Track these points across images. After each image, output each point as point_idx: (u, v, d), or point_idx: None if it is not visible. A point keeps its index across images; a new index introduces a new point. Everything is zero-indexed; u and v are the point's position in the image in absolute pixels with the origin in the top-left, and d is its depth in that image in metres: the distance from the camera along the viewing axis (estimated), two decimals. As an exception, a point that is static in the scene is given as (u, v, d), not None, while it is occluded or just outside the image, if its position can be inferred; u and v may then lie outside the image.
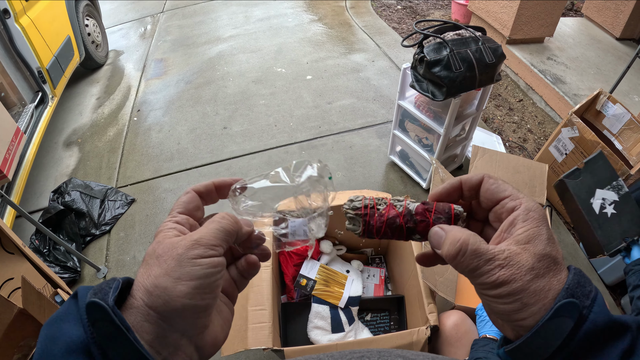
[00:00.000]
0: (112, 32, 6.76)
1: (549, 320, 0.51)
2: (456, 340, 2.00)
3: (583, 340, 0.51)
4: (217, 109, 4.69)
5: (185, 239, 0.56)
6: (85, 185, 3.70)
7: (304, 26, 6.28)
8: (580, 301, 0.51)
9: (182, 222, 0.62)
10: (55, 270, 3.09)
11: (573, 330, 0.51)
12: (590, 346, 0.51)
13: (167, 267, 0.53)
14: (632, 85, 4.55)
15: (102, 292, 0.50)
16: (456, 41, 2.73)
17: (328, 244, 2.60)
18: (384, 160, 3.94)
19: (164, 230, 0.59)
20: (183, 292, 0.53)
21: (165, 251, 0.55)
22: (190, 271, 0.54)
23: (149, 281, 0.52)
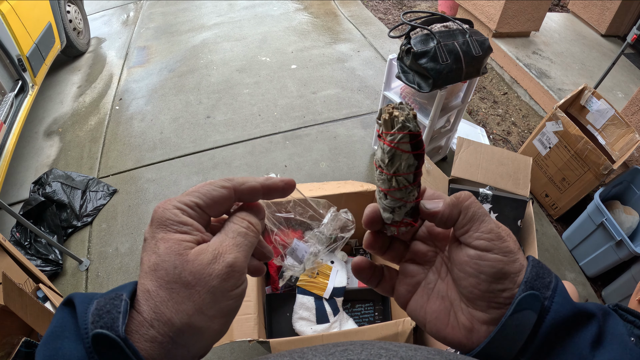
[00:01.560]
0: (94, 18, 6.66)
1: (512, 315, 0.50)
2: None
3: (548, 332, 0.50)
4: (201, 97, 4.65)
5: (219, 263, 0.49)
6: (67, 175, 3.66)
7: (289, 15, 6.24)
8: (540, 293, 0.50)
9: (196, 218, 0.53)
10: (36, 263, 3.05)
11: (537, 323, 0.50)
12: (556, 339, 0.50)
13: (200, 302, 0.48)
14: (616, 82, 4.59)
15: (109, 316, 0.44)
16: (443, 33, 2.72)
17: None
18: (369, 151, 3.94)
19: (177, 229, 0.51)
20: (216, 330, 0.50)
21: (195, 279, 0.48)
22: (226, 307, 0.51)
23: (179, 318, 0.47)
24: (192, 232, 0.51)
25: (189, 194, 0.54)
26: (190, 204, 0.53)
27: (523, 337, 0.50)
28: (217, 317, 0.49)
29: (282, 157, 3.92)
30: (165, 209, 0.52)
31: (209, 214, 0.56)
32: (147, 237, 0.51)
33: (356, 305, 2.52)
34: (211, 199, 0.54)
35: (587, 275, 3.24)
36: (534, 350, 0.50)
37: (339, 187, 2.43)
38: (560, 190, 3.38)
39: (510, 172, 2.71)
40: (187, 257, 0.49)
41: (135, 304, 0.47)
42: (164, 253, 0.49)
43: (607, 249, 2.97)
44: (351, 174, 3.76)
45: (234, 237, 0.54)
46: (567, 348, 0.49)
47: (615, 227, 2.84)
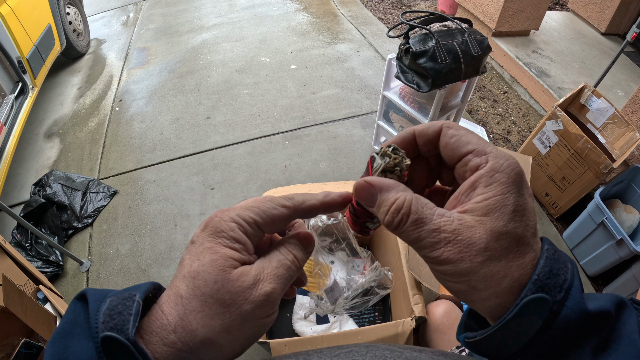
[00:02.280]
0: (94, 20, 6.67)
1: (512, 319, 0.44)
2: (447, 328, 2.01)
3: (552, 340, 0.45)
4: (201, 98, 4.65)
5: (257, 290, 0.49)
6: (67, 177, 3.66)
7: (288, 15, 6.24)
8: (551, 295, 0.43)
9: (252, 236, 0.53)
10: (37, 264, 3.06)
11: (542, 329, 0.44)
12: (559, 345, 0.45)
13: (230, 323, 0.48)
14: (616, 80, 4.58)
15: (120, 318, 0.44)
16: (442, 32, 2.72)
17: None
18: (369, 151, 3.92)
19: (229, 244, 0.50)
20: (235, 350, 0.51)
21: (231, 299, 0.48)
22: (252, 332, 0.51)
23: (204, 332, 0.47)
24: (241, 252, 0.51)
25: (248, 209, 0.53)
26: (249, 220, 0.52)
27: (521, 343, 0.45)
28: (240, 339, 0.50)
29: (282, 157, 3.91)
30: (222, 219, 0.51)
31: (265, 231, 0.55)
32: (196, 241, 0.51)
33: (356, 306, 2.52)
34: (270, 217, 0.54)
35: (587, 274, 3.23)
36: (531, 357, 0.46)
37: (339, 188, 2.42)
38: (561, 190, 3.37)
39: None
40: (229, 275, 0.48)
41: (163, 305, 0.48)
42: (209, 264, 0.48)
43: (608, 248, 2.96)
44: (351, 174, 3.75)
45: (277, 267, 0.53)
46: (570, 356, 0.44)
47: (616, 226, 2.83)
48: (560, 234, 3.39)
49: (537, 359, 0.45)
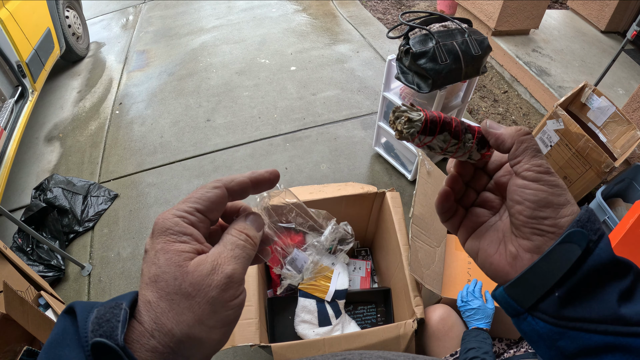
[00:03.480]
0: (93, 23, 6.67)
1: (559, 244, 0.54)
2: (443, 335, 2.01)
3: (587, 274, 0.53)
4: (200, 101, 4.65)
5: (218, 274, 0.50)
6: (68, 181, 3.66)
7: (288, 16, 6.23)
8: (589, 234, 0.53)
9: (197, 224, 0.54)
10: (39, 269, 3.06)
11: (578, 261, 0.53)
12: (591, 281, 0.53)
13: (200, 313, 0.48)
14: (616, 78, 4.57)
15: (109, 325, 0.45)
16: (442, 33, 2.72)
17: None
18: (369, 152, 3.93)
19: (177, 239, 0.51)
20: (216, 340, 0.51)
21: (195, 290, 0.48)
22: (225, 317, 0.51)
23: (179, 329, 0.47)
24: (191, 242, 0.52)
25: (186, 201, 0.54)
26: (190, 210, 0.53)
27: (563, 270, 0.53)
28: (216, 327, 0.50)
29: (283, 159, 3.92)
30: (165, 218, 0.52)
31: (209, 217, 0.56)
32: (148, 248, 0.52)
33: (358, 307, 2.52)
34: (207, 200, 0.55)
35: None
36: (569, 287, 0.53)
37: (340, 190, 2.43)
38: (562, 189, 3.36)
39: None
40: (187, 268, 0.49)
41: (136, 314, 0.48)
42: (164, 264, 0.49)
43: (610, 248, 2.95)
44: (352, 175, 3.75)
45: (232, 249, 0.54)
46: (598, 295, 0.53)
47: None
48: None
49: (570, 294, 0.53)
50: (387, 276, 2.50)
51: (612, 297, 0.52)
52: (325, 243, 2.29)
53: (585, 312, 0.53)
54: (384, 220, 2.50)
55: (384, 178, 3.71)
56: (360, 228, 2.78)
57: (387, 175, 3.73)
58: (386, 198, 2.41)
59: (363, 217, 2.67)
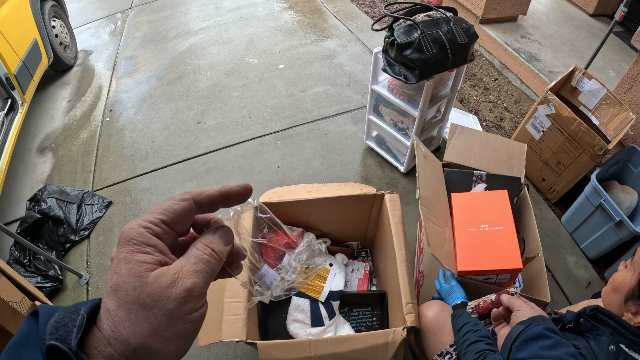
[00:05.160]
0: (80, 31, 6.63)
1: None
2: (438, 329, 2.03)
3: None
4: (190, 103, 4.63)
5: (177, 287, 0.51)
6: (61, 191, 3.65)
7: (274, 14, 6.20)
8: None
9: (162, 236, 0.54)
10: (37, 280, 3.06)
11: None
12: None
13: (157, 324, 0.49)
14: (607, 61, 4.57)
15: (65, 329, 0.45)
16: (427, 23, 2.71)
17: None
18: (361, 146, 3.94)
19: (140, 249, 0.51)
20: (172, 352, 0.51)
21: (153, 301, 0.49)
22: (182, 330, 0.51)
23: (135, 339, 0.48)
24: (154, 253, 0.52)
25: (152, 212, 0.55)
26: (155, 221, 0.54)
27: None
28: (173, 339, 0.50)
29: (274, 157, 3.91)
30: (130, 228, 0.52)
31: (175, 229, 0.57)
32: (113, 257, 0.52)
33: (354, 309, 2.51)
34: (174, 212, 0.55)
35: (588, 257, 3.24)
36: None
37: (338, 190, 2.43)
38: (557, 174, 3.36)
39: (504, 158, 2.73)
40: (146, 279, 0.49)
41: (97, 322, 0.49)
42: (125, 274, 0.49)
43: (607, 230, 2.97)
44: (344, 170, 3.75)
45: (195, 263, 0.55)
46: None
47: (614, 207, 2.83)
48: (559, 218, 3.39)
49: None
50: (384, 280, 2.50)
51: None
52: (295, 263, 2.30)
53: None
54: (382, 223, 2.49)
55: (376, 172, 3.71)
56: (361, 229, 2.78)
57: (379, 169, 3.73)
58: (385, 201, 2.40)
59: (363, 217, 2.66)
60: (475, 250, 2.22)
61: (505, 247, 2.21)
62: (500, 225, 2.28)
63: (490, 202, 2.40)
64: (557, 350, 1.17)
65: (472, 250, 2.22)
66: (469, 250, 2.22)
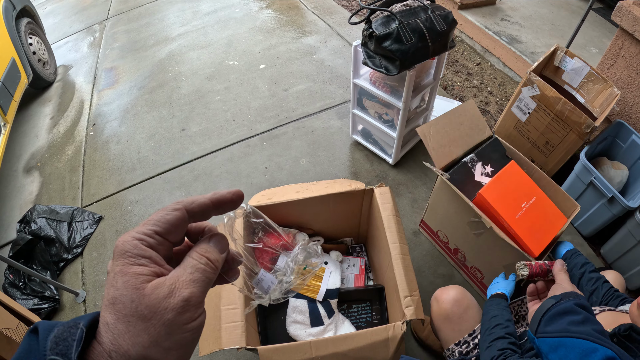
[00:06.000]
0: (58, 46, 6.57)
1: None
2: (458, 317, 2.04)
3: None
4: (173, 111, 4.61)
5: (175, 297, 0.51)
6: (50, 210, 3.62)
7: (252, 15, 6.17)
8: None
9: (156, 247, 0.55)
10: (33, 302, 3.04)
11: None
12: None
13: (156, 335, 0.49)
14: (588, 38, 4.59)
15: (65, 344, 0.45)
16: (404, 12, 2.70)
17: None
18: (347, 141, 3.93)
19: (135, 262, 0.52)
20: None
21: (151, 312, 0.49)
22: (181, 339, 0.51)
23: (135, 351, 0.48)
24: (149, 265, 0.53)
25: (145, 223, 0.55)
26: (149, 233, 0.54)
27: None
28: (172, 349, 0.51)
29: (262, 159, 3.90)
30: (124, 241, 0.53)
31: (169, 239, 0.57)
32: (109, 271, 0.52)
33: (352, 305, 2.51)
34: (167, 223, 0.56)
35: (583, 235, 3.24)
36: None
37: (327, 188, 2.42)
38: (545, 154, 3.35)
39: (470, 124, 2.77)
40: (143, 291, 0.50)
41: (97, 335, 0.49)
42: (122, 287, 0.50)
43: (600, 207, 2.97)
44: (333, 166, 3.75)
45: (192, 273, 0.55)
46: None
47: (605, 184, 2.83)
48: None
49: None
50: (381, 274, 2.49)
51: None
52: (292, 265, 2.29)
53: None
54: (373, 217, 2.49)
55: (365, 165, 3.70)
56: (353, 224, 2.77)
57: (368, 162, 3.72)
58: (374, 195, 2.39)
59: (354, 213, 2.65)
60: (534, 229, 2.36)
61: (549, 212, 2.48)
62: (533, 195, 2.48)
63: (512, 180, 2.53)
64: (585, 327, 1.18)
65: (532, 230, 2.35)
66: (530, 232, 2.34)
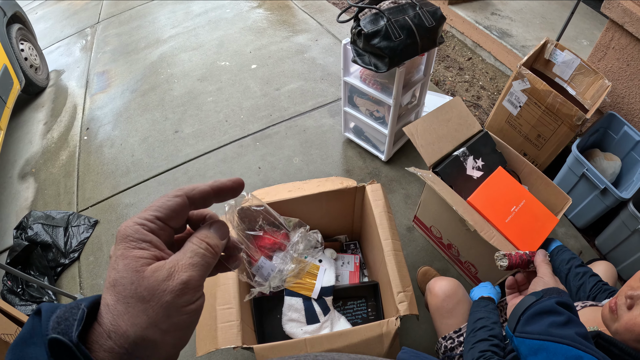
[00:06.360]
0: (50, 51, 6.56)
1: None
2: (448, 312, 2.05)
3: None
4: (166, 113, 4.61)
5: (174, 280, 0.52)
6: (46, 215, 3.63)
7: (243, 15, 6.17)
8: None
9: (157, 232, 0.57)
10: (32, 307, 3.06)
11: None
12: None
13: (154, 316, 0.50)
14: (579, 30, 4.59)
15: (66, 323, 0.47)
16: (392, 9, 2.71)
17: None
18: (340, 139, 3.94)
19: (136, 245, 0.54)
20: (170, 344, 0.53)
21: (150, 294, 0.51)
22: (179, 322, 0.53)
23: (133, 331, 0.49)
24: (150, 249, 0.54)
25: (147, 209, 0.57)
26: (150, 218, 0.56)
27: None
28: (170, 331, 0.52)
29: (255, 159, 3.91)
30: (127, 226, 0.54)
31: (170, 225, 0.59)
32: (111, 255, 0.54)
33: (348, 302, 2.52)
34: (168, 209, 0.58)
35: (577, 227, 3.26)
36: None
37: (319, 186, 2.42)
38: (538, 147, 3.36)
39: (457, 120, 2.82)
40: (143, 273, 0.51)
41: (98, 317, 0.51)
42: (123, 269, 0.52)
43: (593, 199, 2.99)
44: (326, 164, 3.76)
45: (191, 257, 0.56)
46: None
47: (598, 175, 2.85)
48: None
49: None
50: (375, 270, 2.50)
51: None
52: (293, 252, 2.31)
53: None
54: (366, 214, 2.50)
55: (358, 162, 3.72)
56: (346, 222, 2.78)
57: (361, 160, 3.73)
58: (366, 192, 2.40)
59: (347, 211, 2.66)
60: (524, 231, 2.41)
61: (538, 214, 2.51)
62: (522, 199, 2.53)
63: (499, 185, 2.60)
64: (568, 329, 1.13)
65: (523, 233, 2.41)
66: (521, 235, 2.39)
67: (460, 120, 2.79)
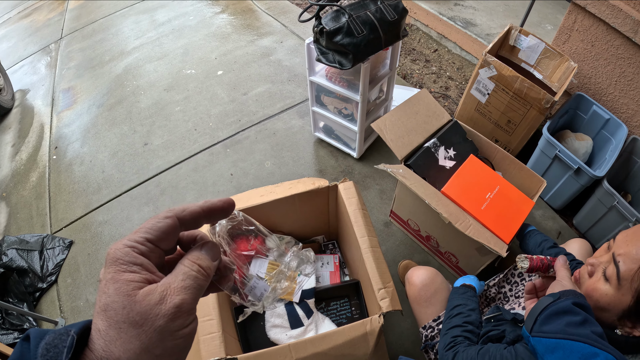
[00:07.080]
0: (14, 71, 6.46)
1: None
2: (425, 301, 2.06)
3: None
4: (134, 126, 4.55)
5: (166, 304, 0.51)
6: (20, 240, 3.57)
7: (206, 21, 6.13)
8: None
9: (148, 254, 0.56)
10: (14, 336, 3.01)
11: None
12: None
13: (148, 341, 0.49)
14: (542, 15, 4.65)
15: (55, 350, 0.46)
16: (354, 5, 2.71)
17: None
18: (310, 139, 3.93)
19: (127, 269, 0.52)
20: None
21: (143, 319, 0.49)
22: (173, 346, 0.52)
23: (126, 357, 0.48)
24: (141, 272, 0.53)
25: (137, 231, 0.56)
26: (140, 240, 0.55)
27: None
28: (164, 355, 0.51)
29: (226, 166, 3.88)
30: (116, 249, 0.53)
31: (160, 247, 0.58)
32: (101, 278, 0.53)
33: (331, 303, 2.51)
34: (158, 230, 0.57)
35: (554, 208, 3.28)
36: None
37: (291, 188, 2.41)
38: (509, 133, 3.37)
39: (426, 112, 2.82)
40: (135, 297, 0.50)
41: (89, 342, 0.49)
42: (114, 293, 0.50)
43: (568, 179, 3.01)
44: (298, 166, 3.75)
45: (183, 280, 0.55)
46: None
47: (570, 156, 2.87)
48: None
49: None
50: (354, 268, 2.49)
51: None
52: (286, 270, 2.30)
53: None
54: (341, 213, 2.49)
55: (330, 161, 3.71)
56: (322, 222, 2.77)
57: (333, 158, 3.73)
58: (339, 190, 2.39)
59: (321, 211, 2.65)
60: (501, 217, 2.41)
61: (514, 198, 2.51)
62: (496, 185, 2.52)
63: (472, 173, 2.59)
64: (584, 329, 1.15)
65: (499, 218, 2.40)
66: (498, 221, 2.39)
67: (428, 112, 2.79)
